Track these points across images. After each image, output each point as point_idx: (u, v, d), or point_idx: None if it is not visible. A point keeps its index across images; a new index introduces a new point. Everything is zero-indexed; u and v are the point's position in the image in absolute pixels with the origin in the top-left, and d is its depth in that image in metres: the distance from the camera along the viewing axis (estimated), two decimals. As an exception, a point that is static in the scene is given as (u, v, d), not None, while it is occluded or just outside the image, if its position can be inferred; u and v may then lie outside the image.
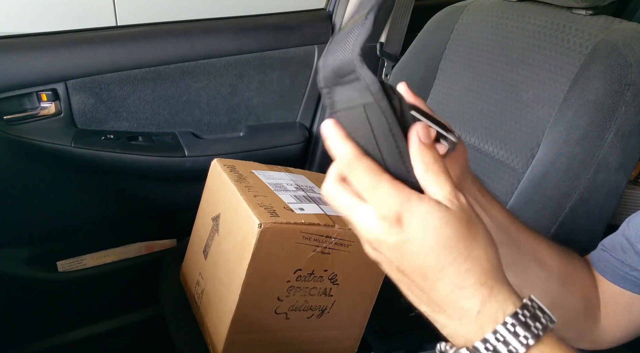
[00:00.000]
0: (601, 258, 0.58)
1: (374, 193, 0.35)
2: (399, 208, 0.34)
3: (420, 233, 0.34)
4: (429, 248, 0.34)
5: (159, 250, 1.23)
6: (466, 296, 0.34)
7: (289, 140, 1.26)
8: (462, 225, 0.34)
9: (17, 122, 1.01)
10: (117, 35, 1.09)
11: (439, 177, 0.35)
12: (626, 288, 0.55)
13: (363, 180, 0.35)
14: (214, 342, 0.80)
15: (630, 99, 0.72)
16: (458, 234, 0.34)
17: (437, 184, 0.35)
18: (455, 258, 0.34)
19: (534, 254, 0.51)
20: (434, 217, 0.34)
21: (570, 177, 0.74)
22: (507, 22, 0.90)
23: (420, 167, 0.35)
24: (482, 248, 0.35)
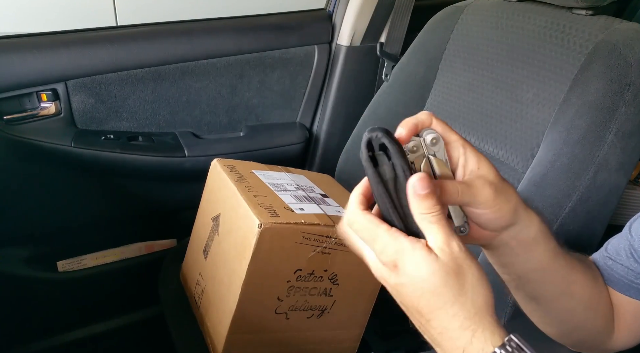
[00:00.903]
0: (605, 267, 0.57)
1: (374, 244, 0.40)
2: (394, 256, 0.39)
3: (413, 280, 0.39)
4: (420, 294, 0.39)
5: (159, 250, 1.23)
6: (453, 337, 0.39)
7: (289, 140, 1.26)
8: (450, 274, 0.38)
9: (17, 122, 1.01)
10: (117, 35, 1.09)
11: (431, 227, 0.39)
12: (632, 297, 0.54)
13: (363, 233, 0.41)
14: (214, 342, 0.80)
15: (631, 99, 0.72)
16: (445, 283, 0.38)
17: (430, 233, 0.39)
18: (444, 304, 0.39)
19: (567, 287, 0.52)
20: (423, 267, 0.38)
21: (571, 177, 0.73)
22: (507, 22, 0.90)
23: (417, 217, 0.39)
24: (469, 294, 0.39)
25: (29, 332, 1.12)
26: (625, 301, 0.55)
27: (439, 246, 0.39)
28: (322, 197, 0.86)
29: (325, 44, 1.25)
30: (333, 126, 1.29)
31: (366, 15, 1.21)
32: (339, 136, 1.27)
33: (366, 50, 1.26)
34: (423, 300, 0.39)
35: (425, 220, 0.39)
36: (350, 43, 1.24)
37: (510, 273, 0.49)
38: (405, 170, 0.39)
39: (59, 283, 1.13)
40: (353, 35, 1.23)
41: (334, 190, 0.94)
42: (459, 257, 0.39)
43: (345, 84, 1.26)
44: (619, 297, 0.56)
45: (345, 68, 1.25)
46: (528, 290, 0.51)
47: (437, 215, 0.39)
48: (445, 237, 0.39)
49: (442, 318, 0.39)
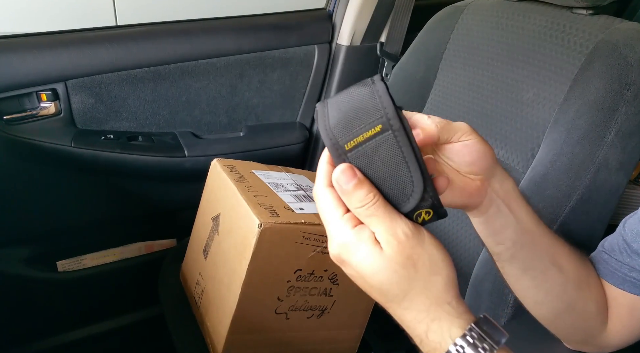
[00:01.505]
0: (601, 261, 0.58)
1: (327, 224, 0.39)
2: (338, 251, 0.38)
3: (359, 274, 0.38)
4: (370, 288, 0.38)
5: (159, 250, 1.23)
6: (410, 328, 0.38)
7: (289, 140, 1.26)
8: (397, 270, 0.36)
9: (17, 122, 1.01)
10: (117, 35, 1.08)
11: (371, 220, 0.37)
12: (626, 290, 0.55)
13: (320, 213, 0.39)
14: (214, 342, 0.80)
15: (631, 98, 0.72)
16: (392, 280, 0.37)
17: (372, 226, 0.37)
18: (393, 299, 0.38)
19: (554, 258, 0.52)
20: (367, 264, 0.37)
21: (571, 177, 0.73)
22: (508, 21, 0.90)
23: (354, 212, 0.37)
24: (420, 286, 0.37)
25: (29, 332, 1.12)
26: (620, 295, 0.56)
27: (383, 237, 0.36)
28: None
29: (325, 44, 1.25)
30: (333, 126, 1.28)
31: (366, 15, 1.21)
32: (339, 136, 1.27)
33: (366, 50, 1.26)
34: (374, 293, 0.39)
35: (361, 213, 0.37)
36: (350, 43, 1.24)
37: (505, 241, 0.48)
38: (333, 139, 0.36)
39: (59, 283, 1.13)
40: (353, 35, 1.23)
41: (334, 190, 0.94)
42: (406, 246, 0.36)
43: (345, 84, 1.26)
44: (614, 291, 0.56)
45: (345, 68, 1.25)
46: (522, 257, 0.50)
47: (372, 204, 0.36)
48: (388, 227, 0.36)
49: (395, 310, 0.38)
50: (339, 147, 0.36)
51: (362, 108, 0.35)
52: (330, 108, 0.36)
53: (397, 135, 0.35)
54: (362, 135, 0.35)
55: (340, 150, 0.36)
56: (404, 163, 0.35)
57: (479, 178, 0.44)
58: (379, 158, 0.35)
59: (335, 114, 0.36)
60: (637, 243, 0.54)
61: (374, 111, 0.35)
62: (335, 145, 0.36)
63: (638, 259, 0.54)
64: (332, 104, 0.37)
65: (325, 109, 0.37)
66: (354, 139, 0.35)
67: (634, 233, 0.55)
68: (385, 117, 0.35)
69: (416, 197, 0.36)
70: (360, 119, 0.35)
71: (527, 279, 0.53)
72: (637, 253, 0.54)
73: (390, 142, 0.35)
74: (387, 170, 0.36)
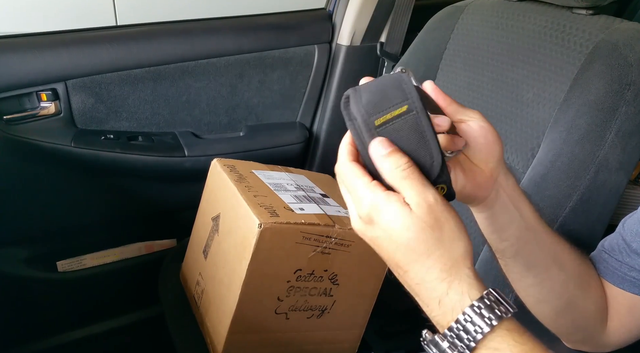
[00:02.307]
0: (601, 260, 0.58)
1: (353, 195, 0.41)
2: (369, 209, 0.40)
3: (388, 233, 0.39)
4: (396, 247, 0.39)
5: (159, 250, 1.23)
6: (429, 288, 0.39)
7: (289, 140, 1.26)
8: (425, 228, 0.38)
9: (17, 122, 1.01)
10: (117, 35, 1.08)
11: (403, 183, 0.39)
12: (626, 289, 0.55)
13: (346, 181, 0.42)
14: (214, 342, 0.80)
15: (631, 98, 0.72)
16: (419, 237, 0.39)
17: (404, 189, 0.39)
18: (418, 257, 0.39)
19: (555, 256, 0.53)
20: (397, 221, 0.39)
21: (571, 177, 0.73)
22: (508, 21, 0.90)
23: (387, 177, 0.40)
24: (446, 248, 0.39)
25: (29, 332, 1.12)
26: (620, 294, 0.56)
27: (414, 201, 0.39)
28: (322, 197, 0.86)
29: (325, 44, 1.25)
30: (333, 126, 1.28)
31: (366, 15, 1.21)
32: (339, 136, 1.24)
33: (366, 50, 1.26)
34: (398, 253, 0.40)
35: (395, 177, 0.39)
36: (350, 43, 1.24)
37: (510, 237, 0.50)
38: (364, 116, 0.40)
39: (59, 283, 1.13)
40: (353, 35, 1.23)
41: (334, 190, 0.94)
42: (435, 209, 0.39)
43: (345, 84, 1.26)
44: (613, 289, 0.57)
45: (345, 68, 1.25)
46: (525, 254, 0.52)
47: (406, 169, 0.39)
48: (420, 190, 0.39)
49: (418, 271, 0.39)
50: (370, 122, 0.41)
51: (391, 91, 0.41)
52: (362, 91, 0.42)
53: (420, 116, 0.40)
54: (391, 113, 0.41)
55: (371, 125, 0.41)
56: (424, 140, 0.40)
57: (489, 167, 0.46)
58: (404, 134, 0.41)
59: (366, 96, 0.41)
60: (636, 243, 0.54)
61: (401, 94, 0.41)
62: (367, 121, 0.41)
63: (637, 259, 0.54)
64: (363, 88, 0.42)
65: (357, 92, 0.42)
66: (383, 116, 0.41)
67: (633, 233, 0.55)
68: (411, 99, 0.40)
69: (435, 170, 0.41)
70: (390, 99, 0.41)
71: (530, 277, 0.53)
72: (636, 252, 0.54)
73: (413, 120, 0.40)
74: (411, 144, 0.41)
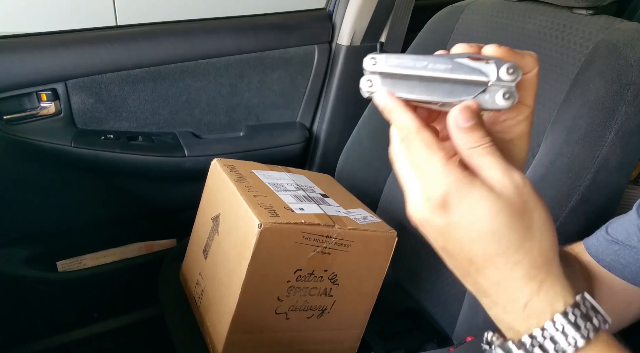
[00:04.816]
0: (610, 252, 0.52)
1: (425, 170, 0.34)
2: (445, 191, 0.33)
3: (469, 221, 0.32)
4: (477, 237, 0.33)
5: (159, 250, 1.23)
6: (514, 288, 0.33)
7: (289, 140, 1.26)
8: (516, 214, 0.32)
9: (17, 122, 1.01)
10: (117, 35, 1.08)
11: (484, 160, 0.33)
12: (637, 285, 0.51)
13: (418, 155, 0.34)
14: (214, 342, 0.80)
15: (631, 98, 0.72)
16: (510, 224, 0.32)
17: (485, 168, 0.33)
18: (506, 250, 0.32)
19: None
20: (485, 205, 0.32)
21: (571, 177, 0.73)
22: (508, 21, 0.90)
23: (464, 153, 0.34)
24: (537, 239, 0.33)
25: (29, 332, 1.12)
26: (621, 288, 0.52)
27: (498, 181, 0.33)
28: (322, 197, 0.86)
29: (325, 44, 1.25)
30: (333, 126, 1.29)
31: (366, 15, 1.21)
32: (339, 136, 1.27)
33: (366, 50, 1.26)
34: (478, 245, 0.33)
35: (475, 153, 0.33)
36: (350, 43, 1.24)
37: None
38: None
39: (59, 283, 1.13)
40: (353, 35, 1.23)
41: (334, 190, 0.94)
42: (523, 192, 0.33)
43: (345, 84, 1.26)
44: (614, 282, 0.52)
45: (345, 68, 1.25)
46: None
47: (488, 146, 0.33)
48: (505, 169, 0.33)
49: (500, 266, 0.33)
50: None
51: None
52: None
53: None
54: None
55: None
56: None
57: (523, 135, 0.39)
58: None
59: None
60: None
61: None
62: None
63: None
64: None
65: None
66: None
67: None
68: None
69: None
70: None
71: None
72: None
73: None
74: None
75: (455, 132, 0.34)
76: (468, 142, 0.33)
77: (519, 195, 0.32)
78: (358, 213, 0.84)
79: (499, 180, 0.33)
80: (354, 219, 0.80)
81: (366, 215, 0.84)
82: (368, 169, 1.08)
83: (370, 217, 0.84)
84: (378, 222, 0.82)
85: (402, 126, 0.35)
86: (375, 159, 1.06)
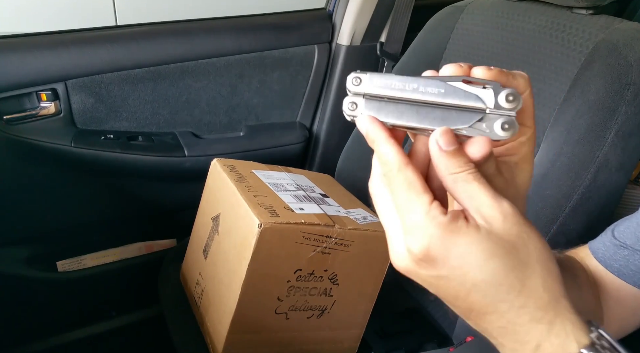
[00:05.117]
0: (618, 257, 0.50)
1: (406, 216, 0.30)
2: (428, 245, 0.29)
3: (460, 272, 0.29)
4: (472, 287, 0.29)
5: (159, 250, 1.23)
6: (520, 332, 0.30)
7: (289, 140, 1.26)
8: (511, 251, 0.29)
9: (17, 122, 1.01)
10: (117, 35, 1.08)
11: (470, 187, 0.30)
12: None
13: (399, 196, 0.31)
14: (214, 342, 0.80)
15: (631, 98, 0.72)
16: (506, 265, 0.29)
17: (471, 197, 0.30)
18: (506, 295, 0.29)
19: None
20: (475, 253, 0.29)
21: (571, 177, 0.73)
22: (508, 21, 0.90)
23: (447, 180, 0.31)
24: (538, 274, 0.29)
25: (29, 332, 1.12)
26: (630, 294, 0.49)
27: (487, 211, 0.29)
28: (322, 197, 0.86)
29: (325, 44, 1.25)
30: (333, 126, 1.29)
31: (366, 14, 1.21)
32: (339, 136, 1.27)
33: (366, 50, 1.26)
34: (475, 294, 0.30)
35: (459, 179, 0.30)
36: (350, 43, 1.24)
37: None
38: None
39: (59, 283, 1.13)
40: (353, 34, 1.23)
41: (334, 190, 0.94)
42: (515, 222, 0.29)
43: (345, 84, 1.26)
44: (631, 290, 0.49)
45: (345, 68, 1.25)
46: None
47: (474, 171, 0.30)
48: (493, 196, 0.29)
49: (503, 313, 0.30)
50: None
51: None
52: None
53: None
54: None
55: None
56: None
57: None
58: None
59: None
60: None
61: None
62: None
63: None
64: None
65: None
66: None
67: None
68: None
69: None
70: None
71: None
72: None
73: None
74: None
75: (437, 156, 0.31)
76: (451, 166, 0.30)
77: (510, 227, 0.29)
78: (358, 213, 0.84)
79: (487, 211, 0.30)
80: (354, 219, 0.80)
81: (366, 215, 0.84)
82: (368, 169, 1.07)
83: (370, 217, 0.84)
84: (378, 222, 0.82)
85: (384, 160, 0.32)
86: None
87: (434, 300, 0.93)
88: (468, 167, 0.30)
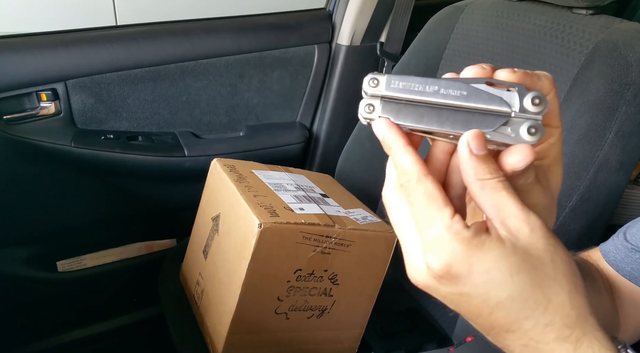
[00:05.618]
0: (628, 260, 0.49)
1: (425, 230, 0.29)
2: (450, 261, 0.28)
3: (483, 290, 0.28)
4: (496, 304, 0.28)
5: (159, 250, 1.23)
6: (544, 350, 0.28)
7: (289, 140, 1.26)
8: (537, 267, 0.28)
9: (17, 122, 1.01)
10: (117, 35, 1.08)
11: (499, 197, 0.28)
12: None
13: (418, 209, 0.29)
14: (214, 342, 0.80)
15: (631, 98, 0.72)
16: (533, 281, 0.27)
17: (499, 206, 0.28)
18: (532, 312, 0.28)
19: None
20: (500, 269, 0.27)
21: (571, 177, 0.73)
22: (508, 21, 0.90)
23: (473, 186, 0.29)
24: (565, 290, 0.28)
25: (29, 332, 1.12)
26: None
27: (514, 225, 0.28)
28: (322, 197, 0.86)
29: (325, 44, 1.25)
30: (333, 126, 1.29)
31: (366, 14, 1.21)
32: (339, 136, 1.27)
33: (366, 50, 1.26)
34: (499, 312, 0.28)
35: (488, 186, 0.28)
36: (350, 43, 1.24)
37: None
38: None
39: (59, 283, 1.13)
40: (353, 34, 1.23)
41: (334, 190, 0.94)
42: (541, 235, 0.28)
43: (345, 84, 1.26)
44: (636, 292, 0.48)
45: (345, 68, 1.25)
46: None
47: (504, 179, 0.28)
48: (521, 209, 0.28)
49: (527, 330, 0.28)
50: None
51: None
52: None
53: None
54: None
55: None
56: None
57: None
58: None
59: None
60: None
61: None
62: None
63: None
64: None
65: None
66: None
67: None
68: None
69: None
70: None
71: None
72: None
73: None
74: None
75: (466, 160, 0.29)
76: (481, 172, 0.28)
77: (537, 240, 0.28)
78: (358, 213, 0.84)
79: (514, 223, 0.28)
80: (354, 219, 0.80)
81: (366, 215, 0.84)
82: (368, 169, 1.08)
83: (370, 217, 0.84)
84: (378, 222, 0.82)
85: (402, 169, 0.30)
86: (375, 159, 1.06)
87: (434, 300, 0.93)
88: (498, 175, 0.29)
